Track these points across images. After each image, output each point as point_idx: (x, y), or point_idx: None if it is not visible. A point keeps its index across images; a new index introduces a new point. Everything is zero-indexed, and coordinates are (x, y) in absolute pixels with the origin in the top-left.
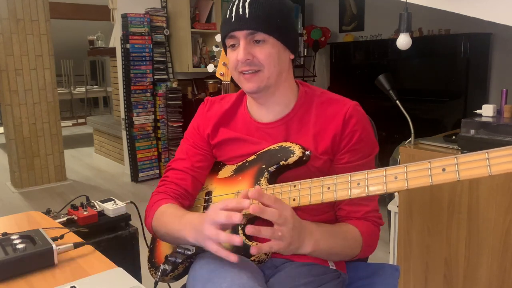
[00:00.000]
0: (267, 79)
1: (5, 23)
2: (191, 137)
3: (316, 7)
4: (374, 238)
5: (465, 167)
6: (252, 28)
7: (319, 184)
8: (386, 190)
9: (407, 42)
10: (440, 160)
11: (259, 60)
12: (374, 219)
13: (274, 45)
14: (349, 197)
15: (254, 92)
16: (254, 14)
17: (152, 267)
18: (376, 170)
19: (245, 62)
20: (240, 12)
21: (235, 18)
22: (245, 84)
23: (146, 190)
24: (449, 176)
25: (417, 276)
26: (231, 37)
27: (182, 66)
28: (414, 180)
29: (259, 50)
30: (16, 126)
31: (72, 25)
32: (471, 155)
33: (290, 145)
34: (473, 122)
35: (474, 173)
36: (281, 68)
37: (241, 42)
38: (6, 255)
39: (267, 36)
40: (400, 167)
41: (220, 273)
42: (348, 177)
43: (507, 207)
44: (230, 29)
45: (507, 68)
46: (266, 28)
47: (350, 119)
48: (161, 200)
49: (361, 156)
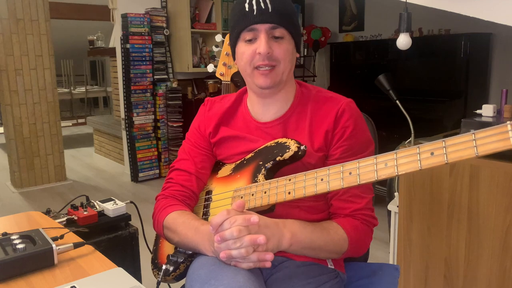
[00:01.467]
0: (282, 74)
1: (5, 23)
2: (193, 137)
3: (316, 7)
4: (363, 237)
5: (453, 149)
6: (275, 22)
7: (313, 176)
8: (377, 178)
9: (407, 42)
10: (429, 144)
11: (276, 55)
12: (364, 217)
13: (290, 42)
14: (342, 187)
15: (268, 87)
16: (278, 8)
17: (155, 268)
18: (367, 159)
19: (266, 56)
20: (263, 6)
21: (257, 11)
22: (260, 79)
23: (146, 190)
24: (437, 160)
25: (417, 276)
26: (251, 30)
27: (182, 66)
28: (404, 165)
29: (277, 46)
30: (16, 126)
31: (72, 25)
32: (458, 137)
33: (285, 141)
34: (473, 122)
35: (461, 155)
36: (293, 65)
37: (262, 35)
38: (6, 255)
39: (286, 32)
40: (390, 154)
41: (217, 275)
42: (341, 167)
43: (507, 207)
44: (252, 22)
45: (507, 68)
46: (286, 24)
47: (342, 115)
48: (170, 206)
49: (353, 152)
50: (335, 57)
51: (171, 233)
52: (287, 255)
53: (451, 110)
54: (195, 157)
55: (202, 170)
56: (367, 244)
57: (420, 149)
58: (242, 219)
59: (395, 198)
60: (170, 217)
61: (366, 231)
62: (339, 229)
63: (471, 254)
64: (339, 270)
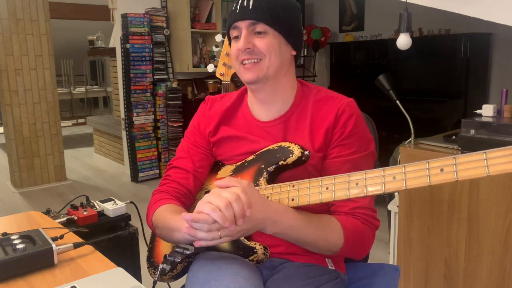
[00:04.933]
0: (267, 68)
1: (5, 23)
2: (192, 135)
3: (316, 7)
4: (361, 236)
5: (463, 167)
6: (253, 18)
7: (317, 184)
8: (384, 190)
9: (407, 42)
10: (438, 160)
11: (259, 49)
12: (364, 216)
13: (275, 37)
14: (348, 197)
15: (253, 82)
16: (257, 5)
17: (151, 267)
18: (374, 170)
19: (245, 51)
20: (245, 4)
21: (239, 10)
22: (245, 74)
23: (146, 190)
24: (447, 177)
25: (417, 276)
26: (235, 28)
27: (182, 66)
28: (412, 180)
29: (259, 40)
30: (16, 126)
31: (72, 25)
32: (469, 155)
33: (289, 145)
34: (473, 122)
35: (472, 174)
36: (282, 61)
37: (243, 32)
38: (6, 255)
39: (268, 27)
40: (398, 167)
41: (217, 276)
42: (347, 177)
43: (507, 207)
44: (234, 20)
45: (507, 68)
46: (267, 19)
47: (342, 115)
48: (163, 200)
49: (352, 151)
50: (335, 57)
51: (157, 219)
52: (287, 257)
53: (451, 110)
54: (193, 156)
55: (200, 169)
56: (368, 245)
57: (429, 164)
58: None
59: (395, 198)
60: (160, 208)
61: (367, 232)
62: (337, 227)
63: (471, 254)
64: (340, 270)
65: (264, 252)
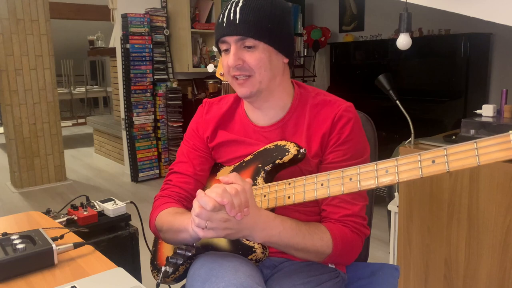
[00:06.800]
0: (259, 83)
1: (5, 23)
2: (191, 139)
3: (316, 7)
4: (349, 245)
5: (454, 158)
6: (241, 34)
7: (312, 181)
8: (377, 184)
9: (407, 42)
10: (430, 152)
11: (249, 65)
12: (354, 225)
13: (265, 50)
14: (342, 192)
15: (247, 97)
16: (244, 19)
17: (154, 269)
18: (367, 165)
19: (235, 68)
20: (231, 17)
21: (226, 23)
22: (238, 89)
23: (146, 190)
24: (439, 168)
25: (417, 276)
26: (223, 42)
27: (182, 66)
28: (405, 173)
29: (249, 56)
30: (16, 126)
31: (72, 25)
32: (460, 145)
33: (285, 144)
34: (473, 122)
35: (463, 164)
36: (273, 73)
37: (232, 47)
38: (6, 255)
39: (257, 41)
40: (391, 160)
41: (218, 273)
42: (341, 172)
43: (507, 207)
44: (221, 34)
45: (507, 68)
46: (255, 34)
47: (339, 120)
48: (165, 204)
49: (347, 157)
50: (335, 57)
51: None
52: (288, 256)
53: (451, 110)
54: (193, 160)
55: (201, 172)
56: (355, 253)
57: (421, 156)
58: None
59: (395, 198)
60: (162, 213)
61: (356, 241)
62: (326, 234)
63: (471, 254)
64: (340, 269)
65: (263, 251)
